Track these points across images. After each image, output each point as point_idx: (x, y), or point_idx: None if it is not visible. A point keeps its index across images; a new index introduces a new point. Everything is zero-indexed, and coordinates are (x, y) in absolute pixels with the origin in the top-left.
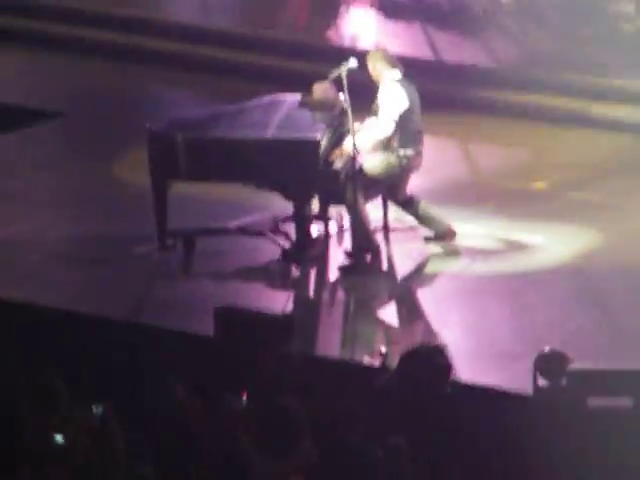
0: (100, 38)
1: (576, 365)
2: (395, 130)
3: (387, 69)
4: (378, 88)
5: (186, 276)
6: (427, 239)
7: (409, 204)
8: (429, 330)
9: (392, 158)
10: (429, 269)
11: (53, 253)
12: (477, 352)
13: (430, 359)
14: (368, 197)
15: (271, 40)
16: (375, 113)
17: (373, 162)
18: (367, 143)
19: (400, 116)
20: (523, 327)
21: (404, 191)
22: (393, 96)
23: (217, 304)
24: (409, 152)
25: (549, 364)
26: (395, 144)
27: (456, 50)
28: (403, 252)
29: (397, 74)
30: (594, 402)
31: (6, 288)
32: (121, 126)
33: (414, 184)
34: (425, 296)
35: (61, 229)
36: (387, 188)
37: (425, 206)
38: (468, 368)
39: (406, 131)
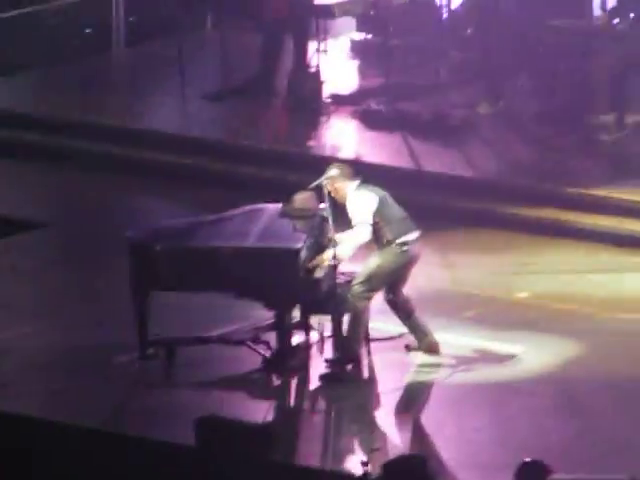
0: (83, 148)
1: (557, 475)
2: (380, 228)
3: (346, 184)
4: (346, 206)
5: (167, 386)
6: (408, 348)
7: (404, 307)
8: (411, 440)
9: (392, 251)
10: (410, 378)
11: (31, 362)
12: (459, 462)
13: (412, 469)
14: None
15: (252, 150)
16: (350, 225)
17: (376, 261)
18: (347, 251)
19: (375, 214)
20: (504, 437)
21: (403, 288)
22: (359, 201)
23: (198, 414)
24: (406, 238)
25: (530, 474)
26: (388, 238)
27: (436, 160)
28: (384, 361)
29: (355, 183)
30: None
31: None
32: (103, 236)
33: None
34: (406, 406)
35: (41, 338)
36: (389, 286)
37: (416, 314)
38: (450, 478)
39: (391, 223)
